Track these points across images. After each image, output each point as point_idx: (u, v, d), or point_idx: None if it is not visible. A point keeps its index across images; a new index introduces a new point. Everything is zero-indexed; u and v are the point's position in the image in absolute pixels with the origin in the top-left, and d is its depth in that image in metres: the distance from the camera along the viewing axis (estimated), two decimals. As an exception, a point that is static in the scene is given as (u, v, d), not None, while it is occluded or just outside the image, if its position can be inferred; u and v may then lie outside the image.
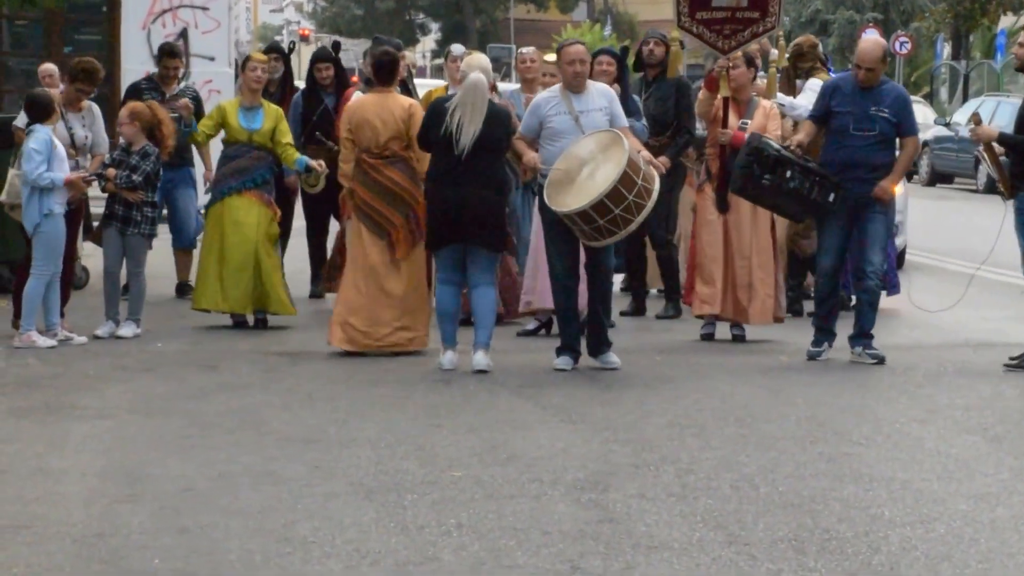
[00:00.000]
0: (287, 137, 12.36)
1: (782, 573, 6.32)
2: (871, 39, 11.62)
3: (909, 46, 44.42)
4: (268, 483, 7.61)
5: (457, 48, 13.42)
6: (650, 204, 10.16)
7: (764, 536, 6.80)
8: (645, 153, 10.60)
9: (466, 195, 10.42)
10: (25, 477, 7.69)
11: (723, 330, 12.00)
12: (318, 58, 14.08)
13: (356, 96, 12.15)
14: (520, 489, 7.55)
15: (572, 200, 10.13)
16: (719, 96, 11.68)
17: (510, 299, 12.15)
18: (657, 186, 10.26)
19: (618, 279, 12.92)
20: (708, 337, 11.96)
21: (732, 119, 11.70)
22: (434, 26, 71.77)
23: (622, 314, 12.77)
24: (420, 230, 11.01)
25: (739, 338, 11.91)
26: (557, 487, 7.59)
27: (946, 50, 49.88)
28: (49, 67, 15.51)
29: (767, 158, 10.80)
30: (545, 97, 10.68)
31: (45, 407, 9.37)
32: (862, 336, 11.04)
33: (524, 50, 13.20)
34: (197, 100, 13.86)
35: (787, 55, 13.04)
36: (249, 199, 12.11)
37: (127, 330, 11.70)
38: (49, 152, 11.22)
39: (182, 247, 14.10)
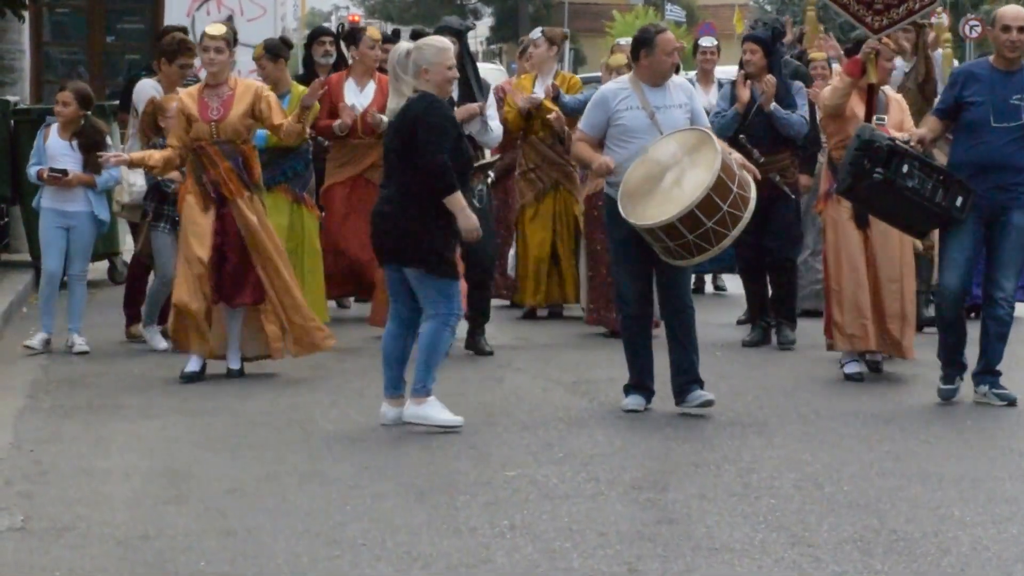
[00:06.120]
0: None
1: (847, 575, 6.20)
2: (1012, 5, 10.11)
3: (979, 29, 42.75)
4: (316, 483, 7.53)
5: (535, 32, 12.96)
6: (747, 216, 8.83)
7: (829, 537, 6.69)
8: (737, 156, 9.23)
9: (381, 203, 8.87)
10: (69, 477, 7.65)
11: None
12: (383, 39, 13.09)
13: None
14: (576, 489, 7.45)
15: (656, 211, 8.79)
16: (859, 84, 10.17)
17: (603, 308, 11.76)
18: (754, 195, 8.94)
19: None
20: (856, 377, 10.24)
21: (862, 111, 10.18)
22: (487, 11, 71.66)
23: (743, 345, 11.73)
24: None
25: (875, 367, 10.42)
26: (614, 487, 7.49)
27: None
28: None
29: (879, 150, 9.14)
30: (613, 89, 9.30)
31: (89, 407, 9.34)
32: (988, 372, 9.50)
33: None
34: None
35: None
36: (278, 196, 11.44)
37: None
38: (39, 147, 11.09)
39: None
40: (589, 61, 53.65)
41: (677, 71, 13.32)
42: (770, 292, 11.74)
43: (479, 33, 68.27)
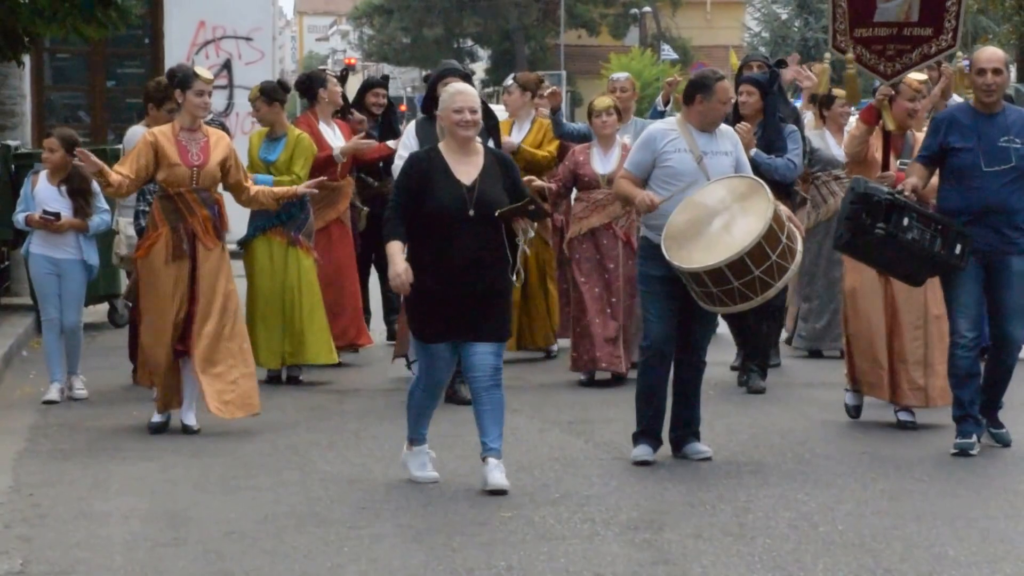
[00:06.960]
0: (299, 169, 11.40)
1: (844, 615, 6.17)
2: (988, 47, 9.81)
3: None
4: (313, 525, 7.49)
5: (508, 80, 12.99)
6: (793, 267, 8.66)
7: (824, 576, 6.64)
8: (784, 208, 9.00)
9: None
10: (67, 521, 7.60)
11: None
12: (373, 84, 13.45)
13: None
14: (572, 529, 7.41)
15: (701, 256, 8.59)
16: (876, 130, 10.02)
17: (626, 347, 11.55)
18: (800, 247, 8.75)
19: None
20: (852, 412, 10.20)
21: (891, 158, 9.99)
22: (483, 53, 71.59)
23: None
24: None
25: (908, 424, 9.97)
26: (610, 527, 7.45)
27: (1011, 72, 49.37)
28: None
29: (878, 204, 8.91)
30: (661, 130, 9.10)
31: (88, 449, 9.28)
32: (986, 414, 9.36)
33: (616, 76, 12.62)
34: None
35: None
36: (272, 239, 11.35)
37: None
38: (26, 194, 11.02)
39: None
40: (586, 103, 53.56)
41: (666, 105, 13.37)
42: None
43: (474, 76, 68.16)
